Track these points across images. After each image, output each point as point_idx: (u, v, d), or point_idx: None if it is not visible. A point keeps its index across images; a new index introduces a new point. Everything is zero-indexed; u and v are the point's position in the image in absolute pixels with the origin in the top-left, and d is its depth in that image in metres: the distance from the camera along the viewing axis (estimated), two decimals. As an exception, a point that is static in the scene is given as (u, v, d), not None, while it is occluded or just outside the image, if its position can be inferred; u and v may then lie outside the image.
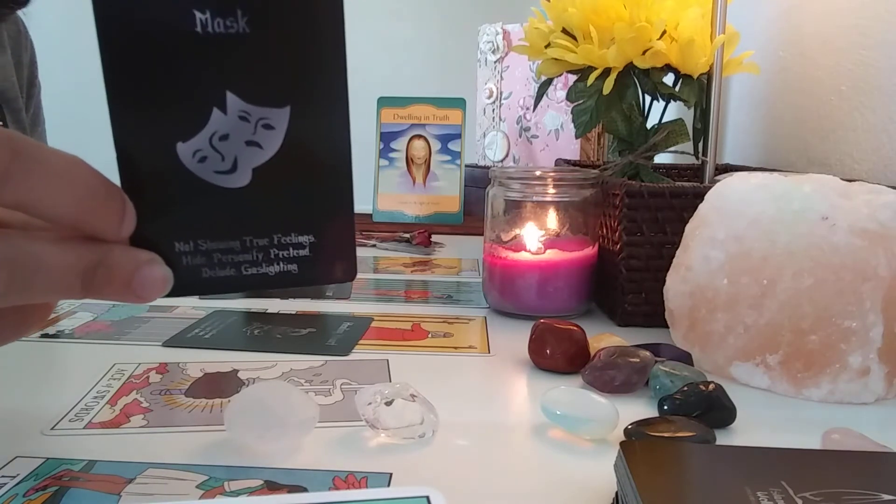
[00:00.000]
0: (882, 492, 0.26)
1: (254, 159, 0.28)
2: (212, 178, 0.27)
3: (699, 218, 0.52)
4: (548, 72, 0.72)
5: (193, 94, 0.26)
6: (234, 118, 0.27)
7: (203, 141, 0.27)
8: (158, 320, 0.61)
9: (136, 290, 0.27)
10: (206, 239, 0.28)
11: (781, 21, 0.89)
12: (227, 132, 0.27)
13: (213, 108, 0.27)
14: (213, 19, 0.26)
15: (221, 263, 0.28)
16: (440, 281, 0.79)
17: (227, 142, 0.27)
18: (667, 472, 0.30)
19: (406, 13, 2.11)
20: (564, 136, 1.21)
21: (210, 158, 0.27)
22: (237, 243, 0.28)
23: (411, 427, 0.38)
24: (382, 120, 1.16)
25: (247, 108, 0.27)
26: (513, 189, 0.64)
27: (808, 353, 0.45)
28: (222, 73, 0.26)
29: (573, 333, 0.50)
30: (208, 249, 0.28)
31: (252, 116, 0.27)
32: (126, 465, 0.35)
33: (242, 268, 0.29)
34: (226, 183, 0.27)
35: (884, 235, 0.44)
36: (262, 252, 0.29)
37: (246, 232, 0.28)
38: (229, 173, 0.27)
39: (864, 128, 0.72)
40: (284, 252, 0.29)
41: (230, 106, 0.27)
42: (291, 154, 0.28)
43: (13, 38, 0.80)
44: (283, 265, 0.29)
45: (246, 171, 0.28)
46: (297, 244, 0.29)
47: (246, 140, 0.27)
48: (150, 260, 0.27)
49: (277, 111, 0.27)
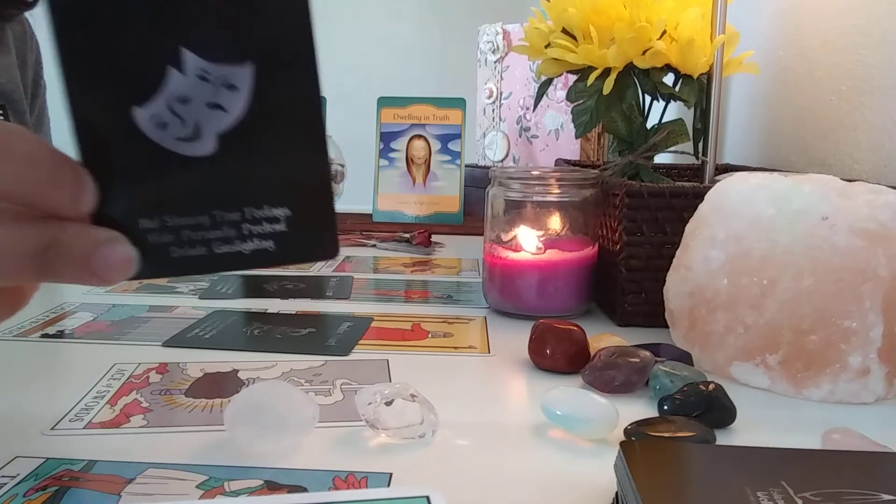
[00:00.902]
0: (882, 492, 0.26)
1: (218, 124, 0.25)
2: (174, 145, 0.25)
3: (699, 218, 0.52)
4: (548, 72, 0.72)
5: (146, 53, 0.24)
6: (192, 78, 0.25)
7: (161, 105, 0.25)
8: (158, 320, 0.61)
9: (96, 271, 0.25)
10: (172, 214, 0.26)
11: (781, 21, 0.89)
12: (186, 94, 0.25)
13: (169, 66, 0.25)
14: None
15: (191, 241, 0.26)
16: (440, 281, 0.79)
17: (187, 105, 0.25)
18: (667, 472, 0.30)
19: (406, 13, 2.11)
20: (564, 136, 1.21)
21: (170, 124, 0.25)
22: (206, 218, 0.26)
23: (411, 427, 0.38)
24: (382, 120, 1.16)
25: (206, 66, 0.25)
26: (513, 189, 0.64)
27: (808, 353, 0.45)
28: (175, 29, 0.24)
29: (573, 333, 0.50)
30: (175, 226, 0.26)
31: (212, 76, 0.25)
32: (126, 465, 0.35)
33: (214, 245, 0.27)
34: (189, 151, 0.25)
35: (884, 235, 0.44)
36: (234, 228, 0.26)
37: (215, 205, 0.26)
38: (192, 140, 0.25)
39: (864, 128, 0.72)
40: (258, 227, 0.27)
41: (187, 64, 0.25)
42: (258, 118, 0.26)
43: (18, 39, 0.80)
44: (258, 241, 0.27)
45: (210, 137, 0.25)
46: (270, 218, 0.27)
47: (207, 102, 0.25)
48: (110, 238, 0.25)
49: (239, 69, 0.25)
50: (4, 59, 0.77)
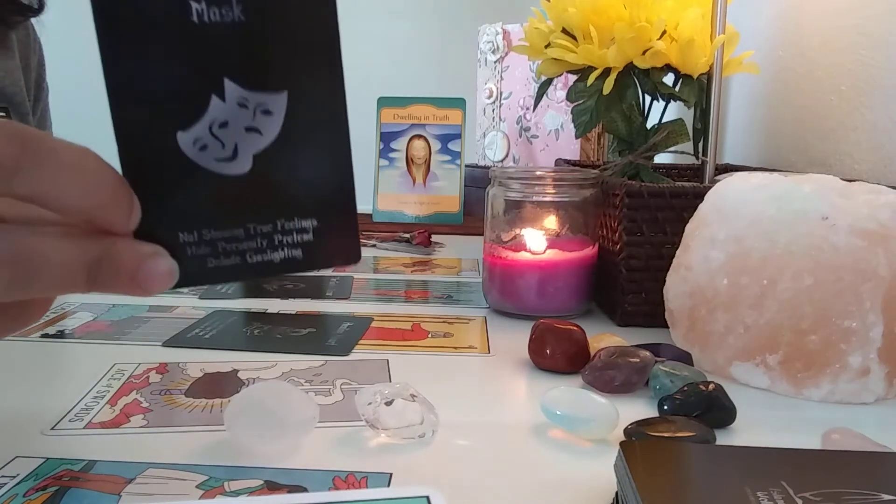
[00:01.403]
0: (882, 492, 0.26)
1: (254, 145, 0.28)
2: (213, 165, 0.27)
3: (699, 218, 0.52)
4: (548, 72, 0.72)
5: (191, 83, 0.27)
6: (232, 105, 0.27)
7: (203, 129, 0.27)
8: (158, 320, 0.61)
9: (141, 283, 0.27)
10: (210, 228, 0.28)
11: (781, 21, 0.89)
12: (226, 119, 0.27)
13: (212, 95, 0.27)
14: (208, 9, 0.26)
15: (226, 252, 0.28)
16: (440, 281, 0.79)
17: (226, 129, 0.27)
18: (667, 472, 0.30)
19: (406, 13, 2.11)
20: (564, 136, 1.21)
21: (210, 146, 0.27)
22: (241, 231, 0.28)
23: (411, 427, 0.38)
24: (382, 120, 1.16)
25: (245, 94, 0.27)
26: (513, 189, 0.64)
27: (808, 353, 0.45)
28: (219, 61, 0.27)
29: (573, 333, 0.50)
30: (212, 238, 0.28)
31: (250, 103, 0.27)
32: (126, 465, 0.35)
33: (247, 255, 0.29)
34: (227, 170, 0.28)
35: (884, 235, 0.44)
36: (267, 239, 0.29)
37: (249, 219, 0.28)
38: (230, 160, 0.28)
39: (864, 128, 0.72)
40: (288, 238, 0.29)
41: (228, 93, 0.27)
42: (291, 139, 0.28)
43: (21, 42, 0.80)
44: (288, 251, 0.29)
45: (247, 157, 0.28)
46: (300, 229, 0.29)
47: (245, 126, 0.27)
48: (154, 253, 0.27)
49: (275, 96, 0.27)
50: (8, 62, 0.77)
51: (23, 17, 0.76)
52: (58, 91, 0.91)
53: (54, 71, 0.87)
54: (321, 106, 0.28)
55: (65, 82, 1.18)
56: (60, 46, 1.33)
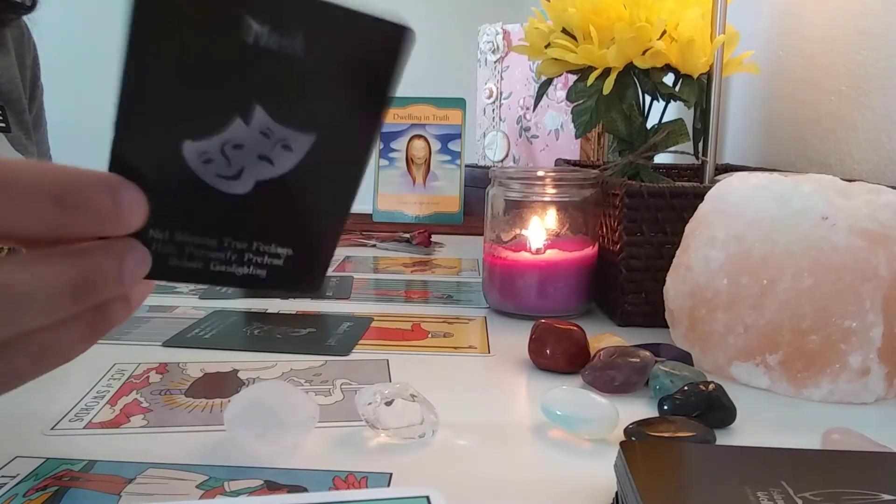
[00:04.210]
0: (882, 492, 0.26)
1: (261, 173, 0.27)
2: (212, 179, 0.27)
3: (699, 218, 0.52)
4: (548, 72, 0.72)
5: (219, 99, 0.25)
6: (255, 131, 0.26)
7: (214, 145, 0.26)
8: (158, 320, 0.61)
9: (124, 279, 0.26)
10: (184, 232, 0.27)
11: (781, 21, 0.89)
12: (242, 142, 0.26)
13: (237, 117, 0.26)
14: (269, 34, 0.25)
15: (191, 256, 0.28)
16: (440, 281, 0.79)
17: (239, 151, 0.26)
18: (667, 472, 0.30)
19: (406, 13, 2.10)
20: (564, 136, 1.21)
21: (216, 162, 0.26)
22: (214, 241, 0.28)
23: (411, 427, 0.38)
24: (382, 120, 1.16)
25: (272, 125, 0.26)
26: (513, 189, 0.64)
27: (808, 353, 0.45)
28: (259, 87, 0.26)
29: (573, 333, 0.50)
30: (183, 242, 0.27)
31: (274, 134, 0.26)
32: (126, 465, 0.35)
33: (211, 264, 0.28)
34: (224, 187, 0.27)
35: (884, 235, 0.44)
36: (237, 254, 0.28)
37: (228, 233, 0.28)
38: (232, 179, 0.27)
39: (864, 128, 0.72)
40: (259, 258, 0.28)
41: (256, 119, 0.26)
42: (300, 178, 0.27)
43: (16, 40, 0.80)
44: (253, 269, 0.28)
45: (249, 181, 0.27)
46: (273, 254, 0.28)
47: (259, 154, 0.27)
48: (130, 246, 0.26)
49: (302, 136, 0.27)
50: (4, 60, 0.77)
51: (16, 14, 0.76)
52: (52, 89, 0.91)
53: (48, 69, 0.87)
54: (345, 157, 0.28)
55: (58, 80, 1.18)
56: (57, 47, 1.34)
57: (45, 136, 0.87)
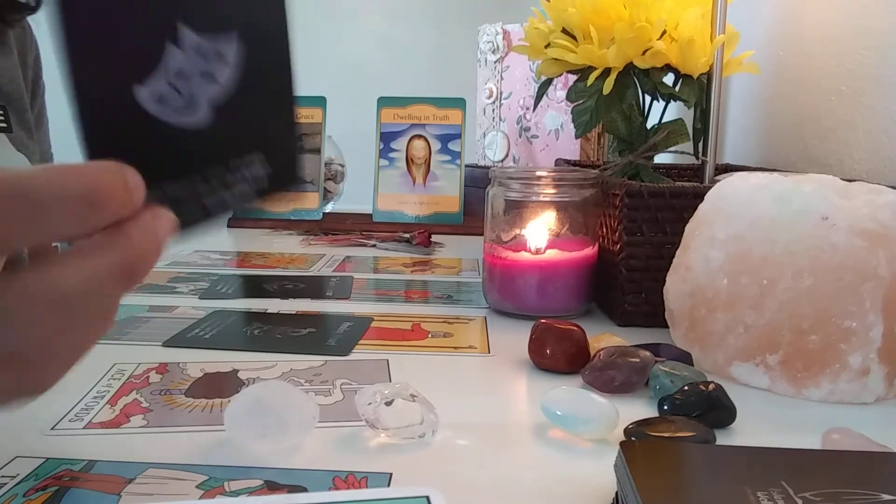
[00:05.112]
0: (882, 492, 0.26)
1: (209, 93, 0.28)
2: (171, 117, 0.27)
3: (699, 218, 0.52)
4: (548, 72, 0.72)
5: (147, 32, 0.26)
6: (189, 53, 0.27)
7: (160, 81, 0.26)
8: (158, 320, 0.61)
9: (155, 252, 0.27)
10: (170, 182, 0.28)
11: (781, 21, 0.89)
12: (183, 67, 0.27)
13: (168, 42, 0.26)
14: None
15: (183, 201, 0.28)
16: (440, 281, 0.79)
17: (184, 78, 0.27)
18: (667, 472, 0.30)
19: (406, 13, 2.11)
20: (564, 136, 1.21)
21: (170, 98, 0.27)
22: (199, 177, 0.28)
23: (411, 427, 0.38)
24: (382, 120, 1.16)
25: (199, 40, 0.27)
26: (513, 189, 0.64)
27: (808, 353, 0.45)
28: (174, 6, 0.27)
29: (573, 333, 0.50)
30: (175, 194, 0.28)
31: (205, 48, 0.27)
32: (126, 465, 0.35)
33: (203, 199, 0.29)
34: (185, 121, 0.27)
35: (884, 235, 0.44)
36: (219, 179, 0.29)
37: (205, 164, 0.29)
38: (188, 110, 0.27)
39: (864, 128, 0.72)
40: (238, 174, 0.29)
41: (185, 39, 0.27)
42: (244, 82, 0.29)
43: (19, 39, 0.80)
44: (238, 186, 0.30)
45: (203, 106, 0.28)
46: (248, 163, 0.30)
47: (201, 72, 0.27)
48: (158, 214, 0.27)
49: (226, 39, 0.28)
50: (6, 60, 0.77)
51: (20, 15, 0.76)
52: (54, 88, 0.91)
53: (50, 69, 0.87)
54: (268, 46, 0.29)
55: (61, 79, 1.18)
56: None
57: (47, 135, 0.87)
